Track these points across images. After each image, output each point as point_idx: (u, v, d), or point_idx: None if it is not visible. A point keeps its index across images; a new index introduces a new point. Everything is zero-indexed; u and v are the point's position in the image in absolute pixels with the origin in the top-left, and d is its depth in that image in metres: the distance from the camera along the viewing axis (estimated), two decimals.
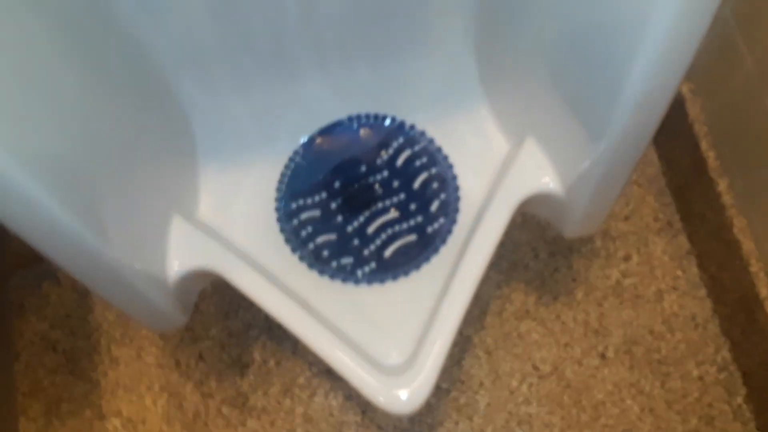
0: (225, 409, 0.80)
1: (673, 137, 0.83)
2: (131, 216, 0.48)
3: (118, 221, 0.46)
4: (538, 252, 0.86)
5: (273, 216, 0.60)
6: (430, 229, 0.60)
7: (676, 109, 0.80)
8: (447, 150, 0.61)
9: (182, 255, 0.52)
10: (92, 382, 0.82)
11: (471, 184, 0.60)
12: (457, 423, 0.79)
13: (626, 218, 0.87)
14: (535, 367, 0.81)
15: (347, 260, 0.59)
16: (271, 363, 0.81)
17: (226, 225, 0.58)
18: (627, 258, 0.85)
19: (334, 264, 0.58)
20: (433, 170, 0.61)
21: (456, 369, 0.81)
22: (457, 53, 0.61)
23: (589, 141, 0.45)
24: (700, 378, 0.80)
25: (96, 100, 0.44)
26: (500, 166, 0.58)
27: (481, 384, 0.80)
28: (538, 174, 0.53)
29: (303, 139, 0.63)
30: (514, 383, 0.80)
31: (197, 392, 0.80)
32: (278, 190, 0.61)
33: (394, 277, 0.57)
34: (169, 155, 0.57)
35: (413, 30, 0.59)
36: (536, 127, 0.54)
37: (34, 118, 0.38)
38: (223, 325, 0.83)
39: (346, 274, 0.58)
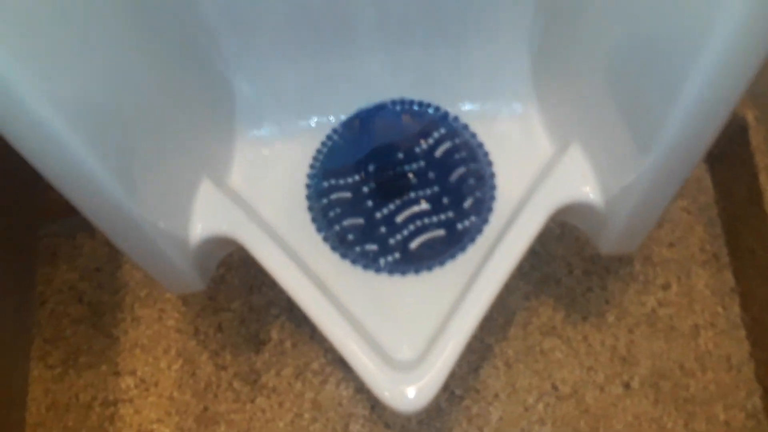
0: (236, 384, 0.80)
1: (732, 165, 0.79)
2: (161, 173, 0.48)
3: (147, 176, 0.45)
4: (573, 268, 0.83)
5: (303, 192, 0.59)
6: (460, 226, 0.58)
7: (738, 136, 0.76)
8: (489, 147, 0.59)
9: (206, 219, 0.52)
10: (112, 337, 0.83)
11: (509, 184, 0.58)
12: None
13: (671, 245, 0.83)
14: (555, 387, 0.78)
15: (371, 247, 0.57)
16: (288, 344, 0.81)
17: (256, 195, 0.58)
18: (666, 287, 0.82)
19: (357, 249, 0.57)
20: (472, 166, 0.59)
21: (472, 377, 0.78)
22: (512, 48, 0.59)
23: (636, 154, 0.43)
24: (727, 423, 0.76)
25: (137, 49, 0.44)
26: (541, 168, 0.55)
27: (496, 396, 0.78)
28: (580, 182, 0.51)
29: (344, 117, 0.62)
30: (531, 400, 0.78)
31: (211, 363, 0.81)
32: (312, 166, 0.60)
33: (417, 271, 0.56)
34: (207, 117, 0.56)
35: (471, 19, 0.57)
36: (584, 133, 0.52)
37: (71, 59, 0.38)
38: (245, 299, 0.83)
39: (369, 261, 0.57)
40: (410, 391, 0.46)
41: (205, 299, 0.83)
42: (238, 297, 0.83)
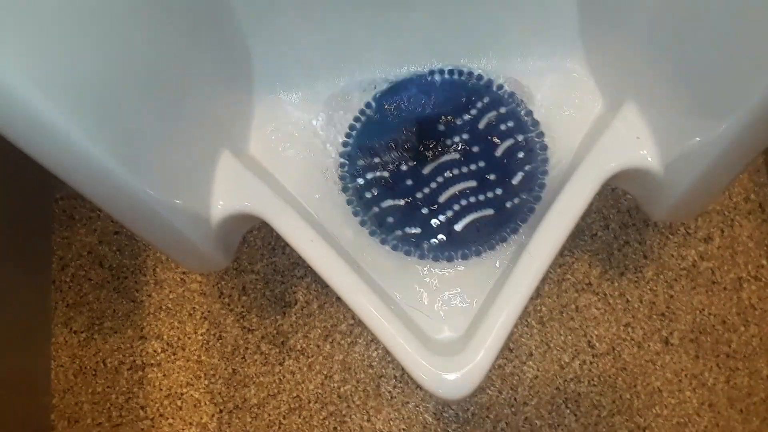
0: (264, 346, 0.78)
1: None
2: (174, 149, 0.44)
3: (157, 153, 0.41)
4: (609, 222, 0.79)
5: (333, 170, 0.54)
6: (509, 204, 0.52)
7: None
8: (538, 114, 0.53)
9: (228, 195, 0.48)
10: (136, 302, 0.82)
11: (563, 155, 0.52)
12: (500, 392, 0.75)
13: None
14: (591, 345, 0.76)
15: (414, 230, 0.53)
16: (314, 306, 0.79)
17: (279, 167, 0.53)
18: (708, 239, 0.78)
19: (398, 233, 0.52)
20: (520, 137, 0.53)
21: None
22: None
23: (706, 116, 0.38)
24: None
25: (138, 14, 0.39)
26: (592, 130, 0.50)
27: (531, 354, 0.76)
28: (636, 145, 0.46)
29: (378, 89, 0.56)
30: (566, 358, 0.76)
31: (238, 325, 0.79)
32: (344, 144, 0.55)
33: (464, 257, 0.51)
34: (223, 84, 0.51)
35: None
36: (640, 90, 0.46)
37: (58, 28, 0.32)
38: (268, 261, 0.80)
39: (411, 246, 0.52)
40: (452, 377, 0.44)
41: None
42: (261, 258, 0.81)
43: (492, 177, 0.54)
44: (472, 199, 0.54)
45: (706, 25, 0.38)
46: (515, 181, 0.53)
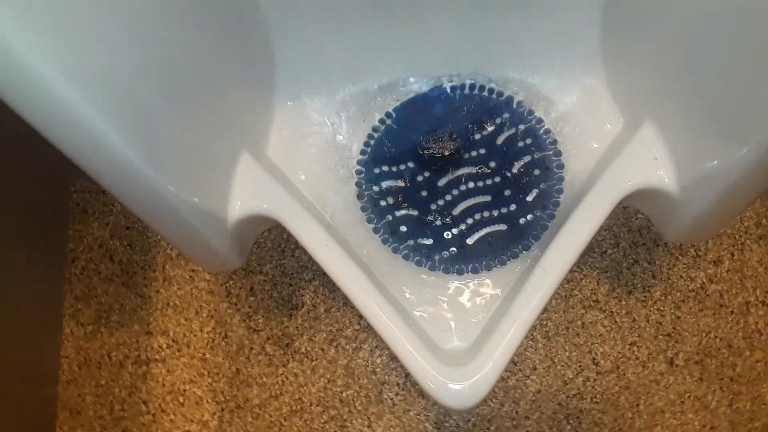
0: (269, 347, 0.78)
1: None
2: (197, 148, 0.44)
3: (180, 152, 0.42)
4: (619, 240, 0.79)
5: (349, 176, 0.55)
6: (523, 221, 0.53)
7: None
8: (556, 133, 0.54)
9: (246, 196, 0.48)
10: (144, 297, 0.82)
11: (578, 173, 0.53)
12: (502, 404, 0.75)
13: None
14: (595, 362, 0.76)
15: (426, 241, 0.53)
16: (321, 309, 0.79)
17: (296, 173, 0.54)
18: (717, 262, 0.78)
19: (411, 242, 0.53)
20: (537, 155, 0.54)
21: None
22: (581, 15, 0.52)
23: (726, 140, 0.38)
24: None
25: (170, 17, 0.39)
26: (610, 149, 0.50)
27: (534, 369, 0.76)
28: (653, 166, 0.46)
29: (398, 100, 0.56)
30: (570, 374, 0.76)
31: (244, 325, 0.79)
32: (362, 152, 0.55)
33: (475, 271, 0.51)
34: (246, 89, 0.52)
35: None
36: (660, 110, 0.46)
37: (96, 29, 0.33)
38: (277, 263, 0.81)
39: (422, 257, 0.53)
40: (459, 387, 0.44)
41: None
42: (271, 260, 0.81)
43: (507, 193, 0.54)
44: (486, 214, 0.54)
45: (728, 49, 0.38)
46: (530, 197, 0.54)
